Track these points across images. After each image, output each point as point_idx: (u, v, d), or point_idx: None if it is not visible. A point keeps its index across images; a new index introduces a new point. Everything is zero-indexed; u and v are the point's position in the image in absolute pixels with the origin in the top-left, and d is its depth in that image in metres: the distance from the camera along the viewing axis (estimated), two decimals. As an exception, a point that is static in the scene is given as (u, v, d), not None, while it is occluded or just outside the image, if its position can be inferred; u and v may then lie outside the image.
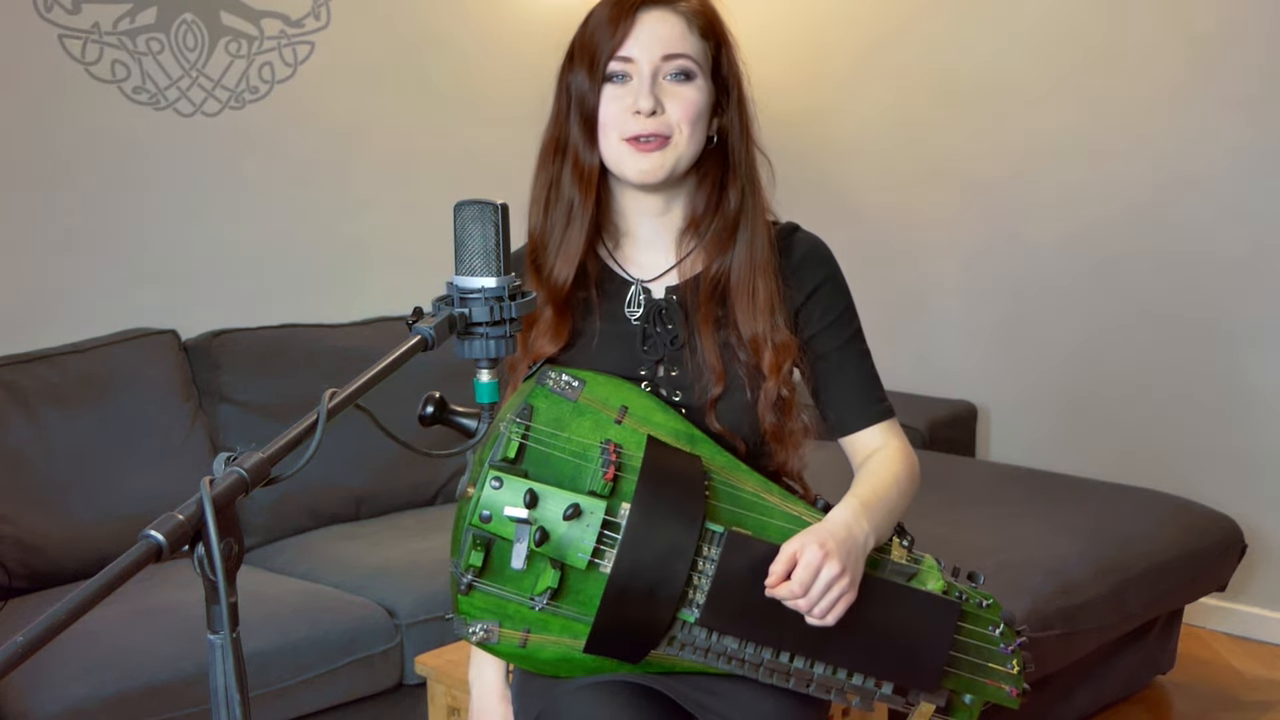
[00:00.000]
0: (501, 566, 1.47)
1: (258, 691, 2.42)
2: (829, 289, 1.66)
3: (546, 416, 1.51)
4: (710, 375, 1.60)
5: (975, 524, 2.96)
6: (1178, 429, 3.64)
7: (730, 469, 1.56)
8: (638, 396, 1.56)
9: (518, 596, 1.47)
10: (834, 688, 1.52)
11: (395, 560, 2.84)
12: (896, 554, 1.57)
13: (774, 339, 1.60)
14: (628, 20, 1.57)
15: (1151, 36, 3.57)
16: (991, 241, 3.98)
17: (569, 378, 1.54)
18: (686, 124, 1.58)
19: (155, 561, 0.93)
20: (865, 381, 1.67)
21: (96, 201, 3.20)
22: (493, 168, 3.73)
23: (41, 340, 3.00)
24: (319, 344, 3.25)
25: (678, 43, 1.58)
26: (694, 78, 1.59)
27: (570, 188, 1.62)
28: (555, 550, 1.45)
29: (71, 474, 2.81)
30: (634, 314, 1.65)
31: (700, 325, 1.62)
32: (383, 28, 3.66)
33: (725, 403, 1.61)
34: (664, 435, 1.54)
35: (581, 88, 1.59)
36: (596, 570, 1.46)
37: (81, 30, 3.14)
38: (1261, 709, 3.15)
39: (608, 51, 1.57)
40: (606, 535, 1.46)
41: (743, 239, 1.62)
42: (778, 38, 4.26)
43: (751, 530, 1.52)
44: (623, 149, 1.58)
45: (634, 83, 1.57)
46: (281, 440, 1.06)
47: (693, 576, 1.47)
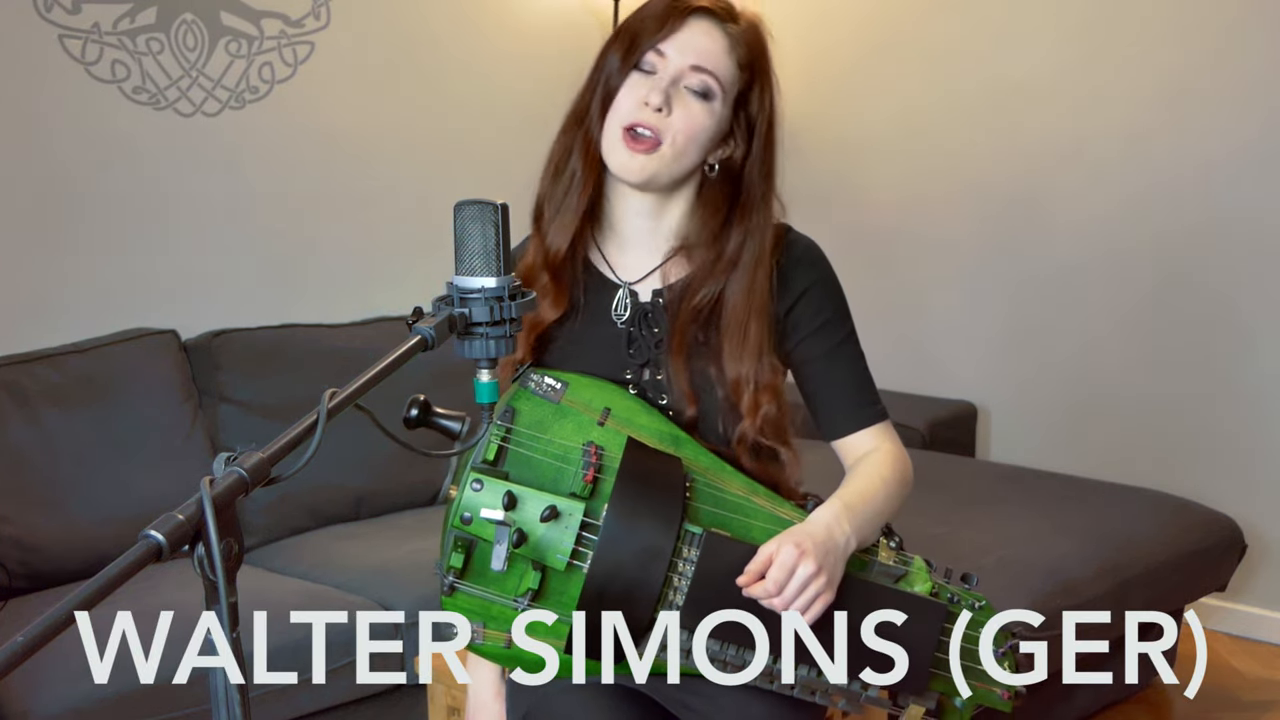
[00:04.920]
0: (483, 568, 1.48)
1: (258, 692, 2.42)
2: (819, 291, 1.65)
3: (529, 419, 1.52)
4: (681, 397, 1.59)
5: (975, 524, 2.96)
6: (1178, 429, 3.64)
7: (715, 470, 1.56)
8: (621, 398, 1.56)
9: (500, 598, 1.48)
10: (819, 690, 1.52)
11: (395, 560, 2.84)
12: (884, 555, 1.56)
13: (758, 379, 1.59)
14: (677, 20, 1.58)
15: (1152, 37, 3.57)
16: (992, 242, 3.98)
17: (551, 380, 1.55)
18: (683, 137, 1.57)
19: (155, 561, 0.93)
20: (857, 384, 1.66)
21: (96, 201, 3.20)
22: (493, 167, 3.73)
23: (41, 340, 3.00)
24: (319, 344, 3.25)
25: (712, 59, 1.58)
26: (712, 98, 1.58)
27: (577, 160, 1.62)
28: (534, 552, 1.46)
29: (71, 474, 2.81)
30: (620, 317, 1.65)
31: (673, 350, 1.60)
32: (383, 27, 3.66)
33: (704, 425, 1.61)
34: (648, 437, 1.54)
35: (612, 66, 1.60)
36: (577, 571, 1.46)
37: (81, 30, 3.14)
38: (1261, 709, 3.15)
39: (648, 43, 1.58)
40: (585, 537, 1.46)
41: (741, 276, 1.60)
42: (782, 38, 4.25)
43: (735, 532, 1.52)
44: (616, 137, 1.58)
45: (656, 77, 1.58)
46: (281, 440, 1.06)
47: (673, 578, 1.47)
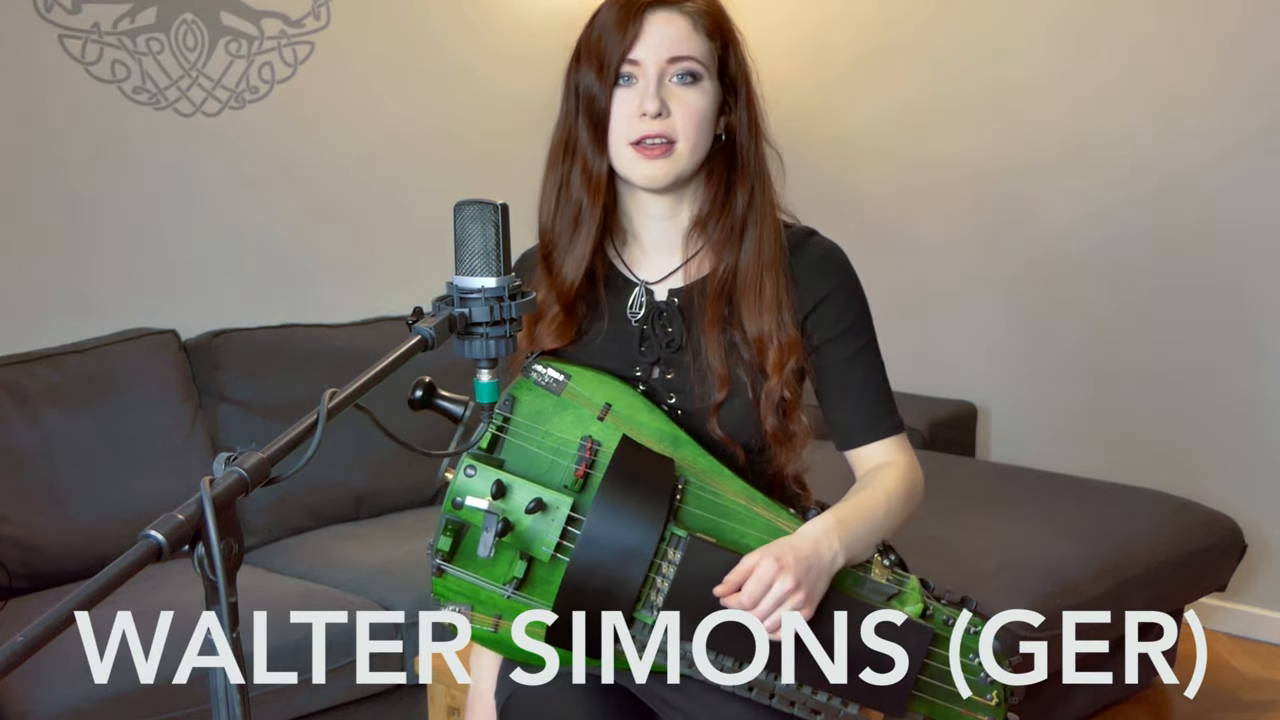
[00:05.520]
0: (471, 552, 1.50)
1: (258, 692, 2.42)
2: (840, 297, 1.63)
3: (528, 409, 1.53)
4: (714, 379, 1.59)
5: (975, 524, 2.96)
6: (1178, 429, 3.64)
7: (713, 474, 1.54)
8: (625, 395, 1.56)
9: (487, 583, 1.50)
10: (798, 702, 1.50)
11: (395, 560, 2.84)
12: (878, 573, 1.54)
13: (780, 337, 1.58)
14: (636, 23, 1.57)
15: (1153, 37, 3.57)
16: (992, 242, 3.98)
17: (555, 372, 1.55)
18: (691, 129, 1.57)
19: (155, 561, 0.93)
20: (874, 395, 1.64)
21: (96, 201, 3.20)
22: (493, 167, 3.74)
23: (41, 340, 3.00)
24: (319, 344, 3.25)
25: (683, 44, 1.57)
26: (700, 79, 1.58)
27: (579, 190, 1.61)
28: (519, 542, 1.47)
29: (71, 474, 2.81)
30: (635, 315, 1.64)
31: (706, 327, 1.60)
32: (382, 28, 3.66)
33: (728, 408, 1.59)
34: (647, 435, 1.53)
35: (591, 90, 1.58)
36: (562, 564, 1.47)
37: (81, 30, 3.14)
38: (1261, 709, 3.15)
39: (617, 55, 1.57)
40: (571, 531, 1.47)
41: (750, 236, 1.61)
42: (782, 38, 4.26)
43: (727, 538, 1.51)
44: (629, 154, 1.57)
45: (640, 84, 1.57)
46: (281, 440, 1.06)
47: (656, 579, 1.47)
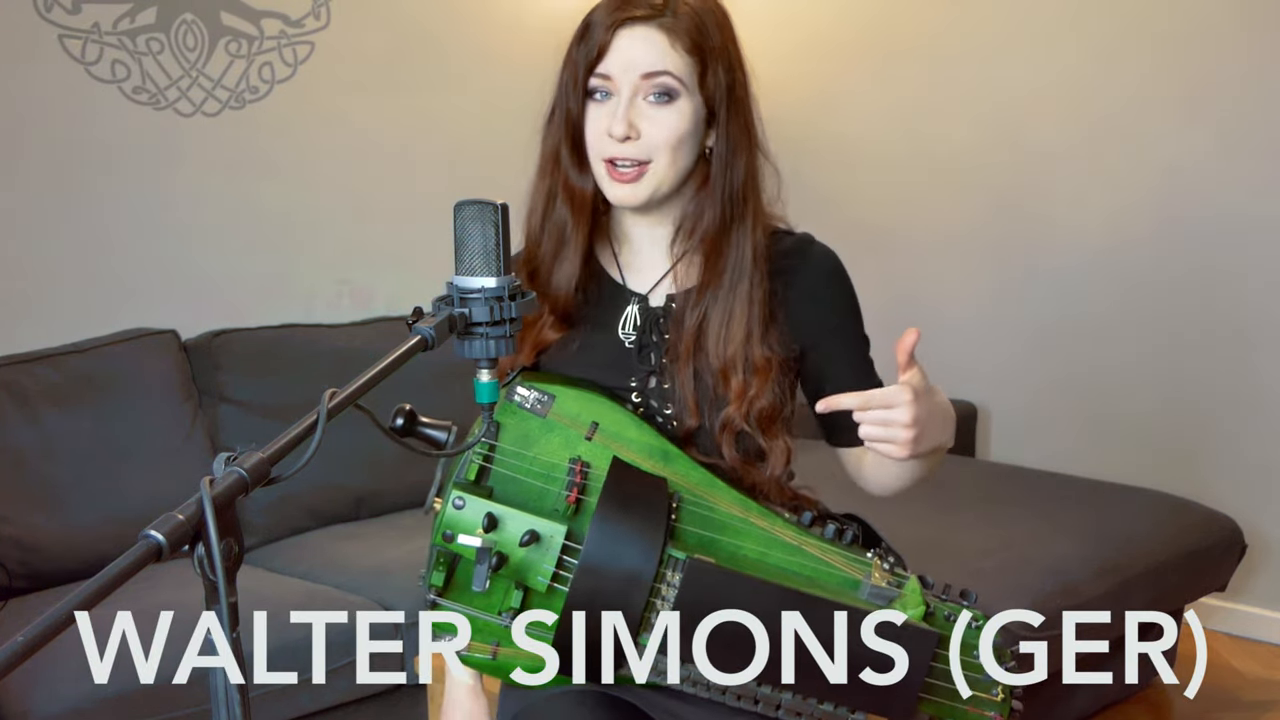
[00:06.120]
0: (466, 584, 1.47)
1: (258, 692, 2.42)
2: (833, 302, 1.60)
3: (514, 434, 1.49)
4: (685, 409, 1.55)
5: (976, 524, 2.96)
6: (1178, 429, 3.64)
7: (705, 486, 1.52)
8: (611, 411, 1.52)
9: (484, 615, 1.47)
10: (804, 713, 1.49)
11: (395, 560, 2.84)
12: (877, 576, 1.52)
13: (749, 359, 1.53)
14: (607, 36, 1.49)
15: (1154, 39, 3.57)
16: (992, 242, 3.98)
17: (539, 393, 1.50)
18: (666, 149, 1.50)
19: (155, 561, 0.93)
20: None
21: (96, 201, 3.20)
22: (493, 167, 3.73)
23: (41, 340, 3.00)
24: (319, 344, 3.25)
25: (658, 60, 1.49)
26: (676, 97, 1.50)
27: (563, 208, 1.57)
28: (514, 574, 1.44)
29: (71, 474, 2.81)
30: (628, 325, 1.61)
31: (681, 354, 1.56)
32: (382, 28, 3.66)
33: (700, 435, 1.56)
34: (636, 452, 1.50)
35: (566, 100, 1.54)
36: (559, 592, 1.44)
37: (81, 30, 3.14)
38: (1261, 709, 3.15)
39: (584, 67, 1.51)
40: (567, 560, 1.44)
41: (730, 257, 1.55)
42: (782, 39, 4.26)
43: (724, 551, 1.49)
44: (602, 170, 1.53)
45: (612, 101, 1.51)
46: (281, 440, 1.06)
47: (655, 603, 1.45)
